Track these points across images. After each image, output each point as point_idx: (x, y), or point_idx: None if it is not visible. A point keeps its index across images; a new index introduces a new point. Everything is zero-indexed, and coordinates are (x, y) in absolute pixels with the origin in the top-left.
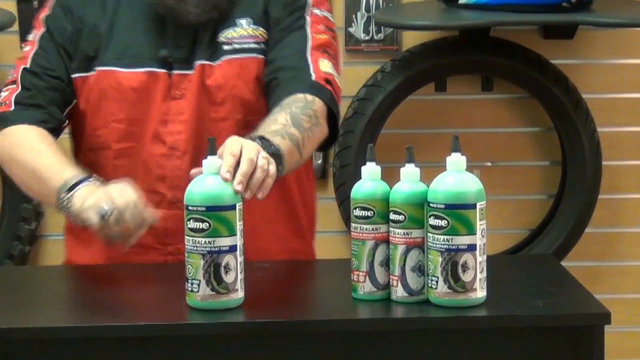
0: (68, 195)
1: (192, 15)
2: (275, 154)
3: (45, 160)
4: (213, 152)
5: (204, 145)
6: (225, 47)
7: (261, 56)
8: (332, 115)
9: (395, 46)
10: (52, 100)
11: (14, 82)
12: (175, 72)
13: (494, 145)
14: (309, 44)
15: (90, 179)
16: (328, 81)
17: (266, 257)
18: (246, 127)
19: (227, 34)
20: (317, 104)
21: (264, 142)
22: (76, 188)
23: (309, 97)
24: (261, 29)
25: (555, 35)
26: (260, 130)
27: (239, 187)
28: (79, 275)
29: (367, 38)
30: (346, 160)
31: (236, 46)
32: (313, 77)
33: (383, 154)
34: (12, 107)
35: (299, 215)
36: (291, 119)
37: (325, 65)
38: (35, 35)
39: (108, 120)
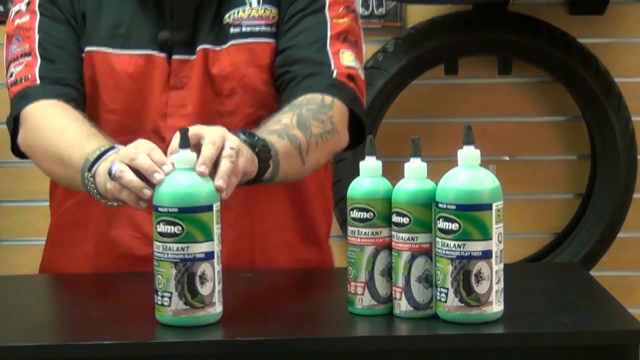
0: (91, 174)
1: None
2: (261, 145)
3: (68, 138)
4: (185, 145)
5: None
6: (233, 30)
7: (273, 41)
8: (355, 117)
9: (399, 23)
10: (76, 72)
11: (27, 54)
12: (175, 57)
13: (512, 137)
14: (329, 31)
15: (115, 149)
16: (351, 77)
17: (273, 265)
18: (257, 123)
19: (235, 14)
20: (336, 108)
21: (246, 134)
22: (98, 163)
23: (328, 98)
24: (273, 8)
25: (583, 10)
26: (260, 129)
27: (201, 169)
28: (36, 287)
29: (366, 13)
30: (342, 154)
31: (245, 29)
32: (335, 73)
33: (384, 147)
34: (37, 82)
35: (313, 217)
36: (297, 121)
37: (347, 58)
38: (28, 3)
39: (99, 111)
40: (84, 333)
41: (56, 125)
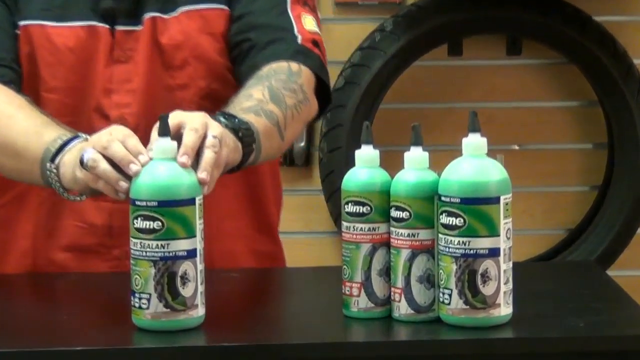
0: (54, 165)
1: None
2: (244, 129)
3: (19, 126)
4: (165, 132)
5: (156, 120)
6: None
7: (226, 7)
8: (322, 85)
9: None
10: (12, 52)
11: None
12: (119, 27)
13: (522, 124)
14: None
15: (79, 138)
16: (315, 43)
17: (232, 262)
18: (211, 98)
19: None
20: (305, 75)
21: (227, 117)
22: (62, 152)
23: (294, 66)
24: None
25: None
26: (229, 108)
27: (183, 159)
28: None
29: None
30: (336, 143)
31: None
32: (299, 39)
33: (382, 135)
34: None
35: (267, 206)
36: (270, 94)
37: (309, 23)
38: None
39: (38, 90)
40: (53, 339)
41: (2, 112)
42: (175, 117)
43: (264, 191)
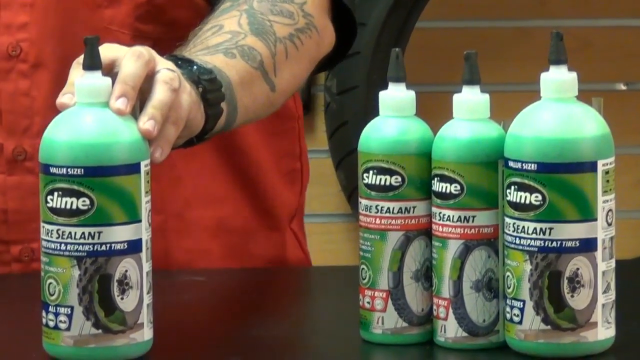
0: None
1: None
2: (205, 82)
3: None
4: (94, 64)
5: (73, 52)
6: None
7: None
8: (341, 8)
9: None
10: None
11: None
12: None
13: (631, 51)
14: None
15: None
16: None
17: (203, 262)
18: (154, 20)
19: None
20: None
21: (179, 64)
22: None
23: None
24: None
25: None
26: (186, 49)
27: (119, 104)
28: None
29: None
30: (350, 80)
31: None
32: None
33: (420, 68)
34: None
35: (264, 182)
36: (249, 22)
37: None
38: None
39: None
40: None
41: None
42: (107, 50)
43: (253, 158)
